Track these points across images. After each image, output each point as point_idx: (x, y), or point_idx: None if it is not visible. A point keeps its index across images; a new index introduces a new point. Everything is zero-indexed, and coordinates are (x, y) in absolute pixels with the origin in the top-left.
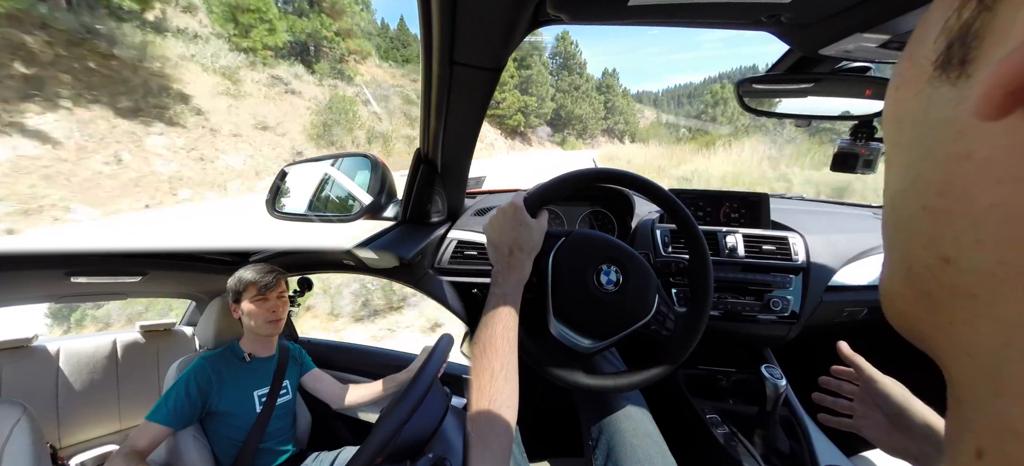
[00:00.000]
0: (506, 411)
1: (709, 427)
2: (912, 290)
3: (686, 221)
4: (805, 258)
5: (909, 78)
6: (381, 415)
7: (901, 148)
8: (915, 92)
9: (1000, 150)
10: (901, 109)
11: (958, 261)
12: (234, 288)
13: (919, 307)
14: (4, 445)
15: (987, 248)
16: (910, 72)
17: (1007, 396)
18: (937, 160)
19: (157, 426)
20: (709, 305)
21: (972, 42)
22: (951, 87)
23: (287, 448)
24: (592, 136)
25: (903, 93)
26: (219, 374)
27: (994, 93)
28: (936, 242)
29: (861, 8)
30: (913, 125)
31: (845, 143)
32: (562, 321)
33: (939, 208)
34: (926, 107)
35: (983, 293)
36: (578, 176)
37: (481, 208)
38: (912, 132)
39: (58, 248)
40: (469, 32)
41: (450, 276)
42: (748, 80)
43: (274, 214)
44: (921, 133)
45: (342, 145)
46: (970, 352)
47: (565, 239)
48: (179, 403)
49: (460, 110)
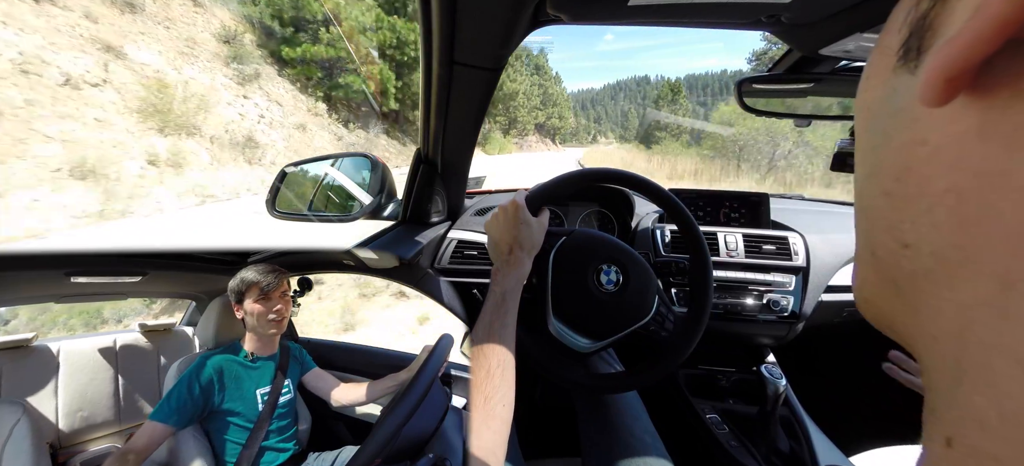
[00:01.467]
0: (503, 408)
1: (709, 427)
2: (878, 276)
3: (686, 221)
4: (805, 258)
5: (877, 68)
6: (381, 415)
7: (866, 136)
8: (881, 81)
9: (950, 137)
10: (869, 98)
11: (917, 246)
12: (236, 289)
13: (886, 294)
14: (4, 445)
15: (943, 232)
16: (879, 62)
17: (968, 384)
18: (895, 147)
19: (158, 425)
20: (709, 306)
21: (926, 32)
22: (910, 76)
23: (288, 447)
24: (523, 133)
25: (871, 82)
26: (221, 373)
27: (935, 79)
28: (896, 227)
29: (861, 8)
30: (877, 114)
31: (845, 143)
32: (561, 320)
33: (897, 193)
34: (889, 96)
35: (941, 277)
36: (580, 176)
37: (481, 208)
38: (875, 120)
39: (58, 248)
40: (469, 32)
41: (450, 276)
42: (749, 79)
43: (274, 214)
44: (883, 121)
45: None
46: (935, 337)
47: (566, 238)
48: (181, 402)
49: (460, 110)
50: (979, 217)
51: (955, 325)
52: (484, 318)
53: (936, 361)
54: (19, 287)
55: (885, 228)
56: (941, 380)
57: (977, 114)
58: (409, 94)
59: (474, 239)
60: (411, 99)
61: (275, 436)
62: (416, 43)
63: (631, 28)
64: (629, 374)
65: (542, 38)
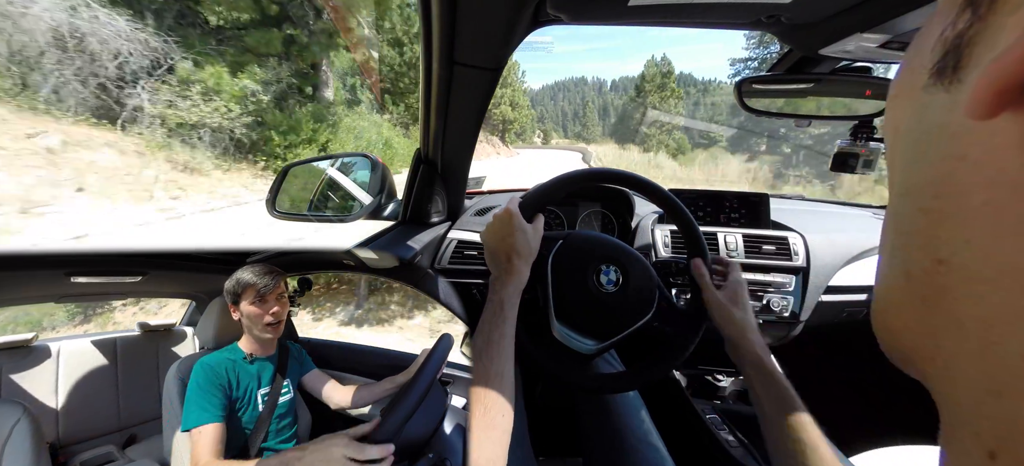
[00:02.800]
0: (502, 418)
1: (709, 427)
2: (909, 296)
3: (685, 221)
4: (805, 258)
5: (907, 86)
6: (381, 415)
7: (899, 154)
8: (912, 99)
9: (992, 150)
10: (899, 116)
11: (950, 260)
12: (232, 290)
13: (911, 315)
14: (4, 445)
15: (975, 246)
16: (908, 80)
17: (1009, 397)
18: (933, 163)
19: (209, 427)
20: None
21: (965, 49)
22: (945, 93)
23: (289, 447)
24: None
25: (901, 101)
26: (224, 371)
27: (984, 93)
28: (932, 243)
29: (861, 9)
30: (910, 131)
31: (845, 143)
32: (565, 324)
33: (935, 209)
34: (922, 113)
35: (972, 291)
36: (575, 177)
37: (481, 208)
38: (909, 138)
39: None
40: (469, 32)
41: (450, 276)
42: (749, 80)
43: (274, 214)
44: (917, 138)
45: None
46: (963, 353)
47: (563, 242)
48: (211, 396)
49: (460, 110)
50: (1016, 229)
51: (986, 340)
52: (483, 327)
53: (965, 376)
54: (19, 287)
55: (921, 245)
56: (968, 395)
57: (1018, 128)
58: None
59: (474, 239)
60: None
61: (275, 437)
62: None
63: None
64: (630, 373)
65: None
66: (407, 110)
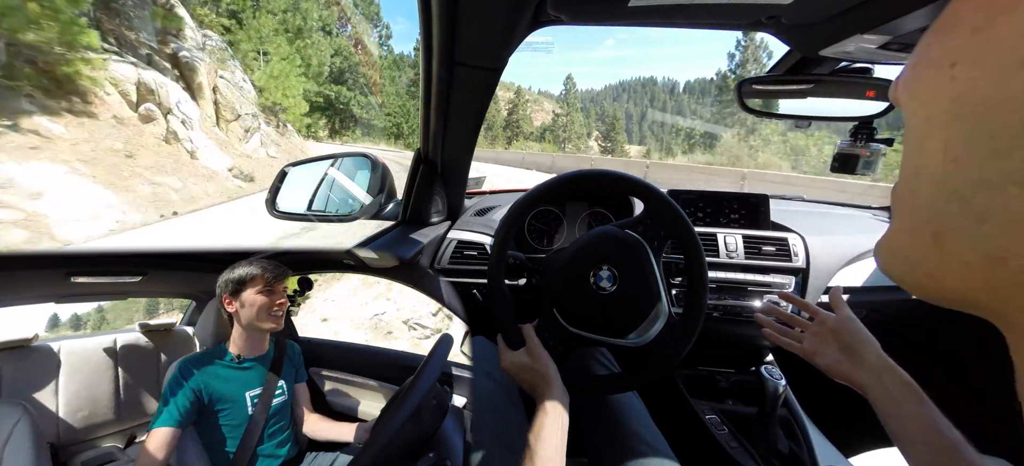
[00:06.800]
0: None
1: (709, 428)
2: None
3: (676, 217)
4: (805, 259)
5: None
6: (381, 416)
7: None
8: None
9: None
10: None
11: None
12: (237, 278)
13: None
14: (4, 445)
15: None
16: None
17: None
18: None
19: (162, 430)
20: (704, 303)
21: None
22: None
23: (282, 453)
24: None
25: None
26: (204, 374)
27: None
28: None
29: (861, 9)
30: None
31: (845, 144)
32: (571, 323)
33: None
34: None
35: None
36: (567, 179)
37: (481, 208)
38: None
39: (58, 248)
40: (469, 32)
41: (450, 276)
42: (749, 80)
43: (274, 214)
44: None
45: None
46: None
47: (554, 264)
48: (174, 400)
49: (460, 110)
50: None
51: None
52: (541, 432)
53: None
54: (19, 287)
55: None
56: None
57: None
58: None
59: (474, 239)
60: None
61: (270, 440)
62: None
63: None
64: (626, 375)
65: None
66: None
